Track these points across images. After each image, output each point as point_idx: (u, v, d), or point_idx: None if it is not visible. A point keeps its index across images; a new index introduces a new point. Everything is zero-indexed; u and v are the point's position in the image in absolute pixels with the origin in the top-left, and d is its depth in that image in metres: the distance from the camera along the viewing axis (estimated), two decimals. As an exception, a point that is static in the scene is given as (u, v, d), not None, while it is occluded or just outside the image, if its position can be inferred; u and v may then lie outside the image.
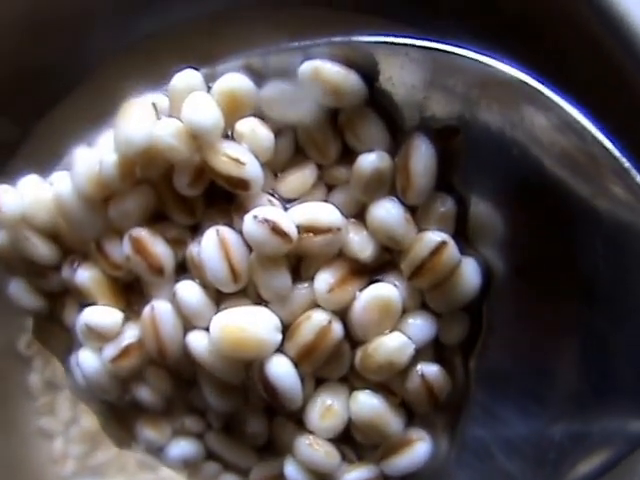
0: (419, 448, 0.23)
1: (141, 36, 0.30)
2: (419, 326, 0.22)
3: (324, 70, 0.22)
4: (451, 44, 0.21)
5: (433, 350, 0.23)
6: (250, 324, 0.22)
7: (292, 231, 0.21)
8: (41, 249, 0.23)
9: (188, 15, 0.30)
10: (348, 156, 0.23)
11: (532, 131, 0.20)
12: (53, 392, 0.35)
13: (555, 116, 0.20)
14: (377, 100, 0.22)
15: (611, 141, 0.20)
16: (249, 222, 0.21)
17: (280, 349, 0.22)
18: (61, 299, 0.24)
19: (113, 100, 0.30)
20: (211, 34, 0.30)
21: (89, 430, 0.35)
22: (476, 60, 0.20)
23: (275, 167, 0.23)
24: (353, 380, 0.23)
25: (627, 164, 0.19)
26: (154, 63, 0.29)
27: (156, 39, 0.30)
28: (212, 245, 0.22)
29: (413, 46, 0.21)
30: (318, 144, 0.23)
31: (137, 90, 0.29)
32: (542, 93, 0.20)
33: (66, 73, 0.30)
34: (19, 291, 0.24)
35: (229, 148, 0.22)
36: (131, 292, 0.24)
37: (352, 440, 0.23)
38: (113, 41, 0.30)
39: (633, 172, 0.19)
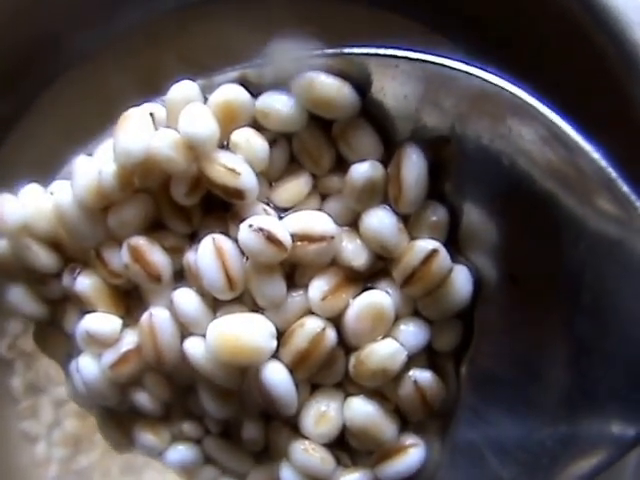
0: (413, 454, 0.23)
1: (125, 27, 0.31)
2: (411, 333, 0.23)
3: (318, 82, 0.22)
4: (442, 56, 0.21)
5: (426, 357, 0.23)
6: (246, 331, 0.22)
7: (286, 240, 0.22)
8: (42, 257, 0.24)
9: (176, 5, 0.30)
10: (342, 166, 0.23)
11: (520, 142, 0.21)
12: (35, 395, 0.35)
13: (542, 127, 0.20)
14: (370, 111, 0.23)
15: (598, 152, 0.20)
16: (244, 231, 0.22)
17: (275, 355, 0.22)
18: (61, 306, 0.25)
19: (97, 92, 0.30)
20: (196, 24, 0.30)
21: (72, 433, 0.35)
22: (465, 72, 0.21)
23: (270, 176, 0.23)
24: (348, 386, 0.23)
25: (613, 174, 0.20)
26: (141, 53, 0.30)
27: (142, 29, 0.30)
28: (208, 253, 0.22)
29: (403, 58, 0.22)
30: (312, 154, 0.23)
31: (121, 82, 0.30)
32: (530, 105, 0.20)
33: (48, 64, 0.30)
34: (20, 298, 0.24)
35: (225, 158, 0.22)
36: (130, 299, 0.24)
37: (347, 445, 0.24)
38: (96, 32, 0.30)
39: (619, 182, 0.19)
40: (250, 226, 0.22)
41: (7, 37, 0.29)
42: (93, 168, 0.23)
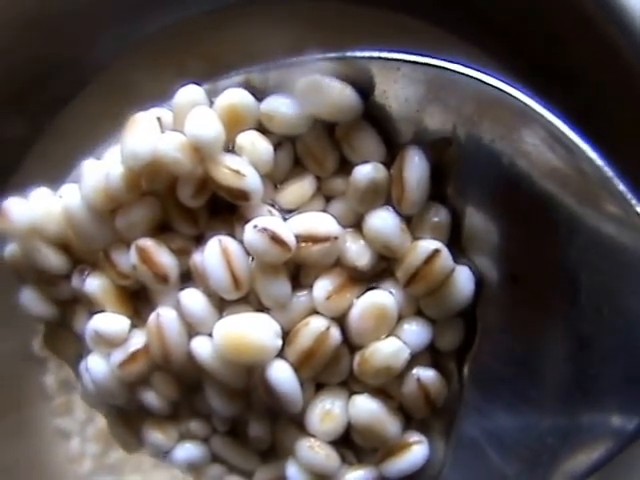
0: (417, 451, 0.24)
1: (151, 33, 0.31)
2: (414, 332, 0.23)
3: (321, 85, 0.22)
4: (443, 59, 0.22)
5: (429, 355, 0.24)
6: (251, 330, 0.22)
7: (291, 240, 0.22)
8: (51, 259, 0.24)
9: (198, 10, 0.31)
10: (345, 168, 0.24)
11: (521, 144, 0.21)
12: (68, 392, 0.35)
13: (542, 129, 0.21)
14: (373, 113, 0.23)
15: (597, 153, 0.20)
16: (249, 232, 0.22)
17: (281, 354, 0.23)
18: (71, 307, 0.25)
19: (124, 97, 0.30)
20: (221, 30, 0.31)
21: (105, 429, 0.33)
22: (466, 75, 0.21)
23: (275, 179, 0.24)
24: (352, 384, 0.24)
25: (611, 174, 0.20)
26: (165, 59, 0.31)
27: (167, 35, 0.31)
28: (215, 254, 0.23)
29: (405, 61, 0.22)
30: (316, 156, 0.24)
31: (148, 87, 0.30)
32: (529, 107, 0.21)
33: (78, 71, 0.31)
34: (31, 299, 0.25)
35: (230, 160, 0.23)
36: (138, 300, 0.25)
37: (352, 443, 0.24)
38: (124, 38, 0.31)
39: (617, 182, 0.20)
40: (255, 227, 0.22)
41: (21, 53, 0.29)
42: (101, 171, 0.23)
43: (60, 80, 0.31)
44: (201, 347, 0.23)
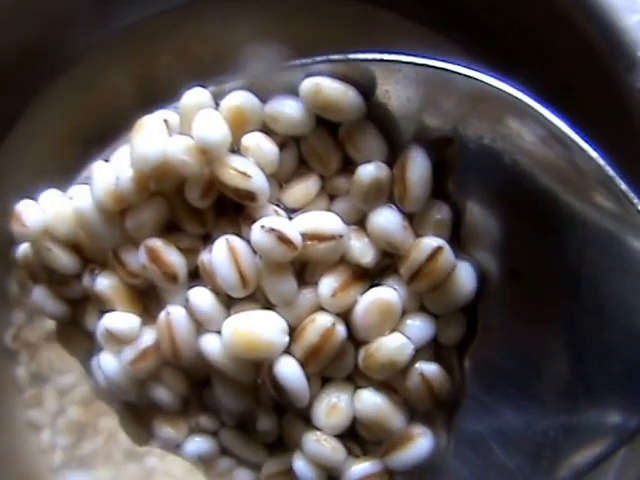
0: (421, 443, 0.24)
1: (122, 27, 0.31)
2: (418, 327, 0.24)
3: (324, 86, 0.23)
4: (442, 60, 0.22)
5: (432, 350, 0.24)
6: (259, 327, 0.23)
7: (297, 239, 0.23)
8: (63, 259, 0.25)
9: (170, 5, 0.31)
10: (349, 167, 0.24)
11: (520, 142, 0.22)
12: (40, 384, 0.35)
13: (541, 127, 0.21)
14: (375, 113, 0.24)
15: (596, 150, 0.21)
16: (256, 231, 0.23)
17: (287, 350, 0.23)
18: (82, 306, 0.26)
19: (96, 90, 0.31)
20: (194, 24, 0.31)
21: (76, 421, 0.36)
22: (465, 75, 0.22)
23: (280, 178, 0.24)
24: (357, 379, 0.24)
25: (611, 172, 0.20)
26: (137, 53, 0.31)
27: (138, 30, 0.31)
28: (222, 253, 0.23)
29: (405, 63, 0.22)
30: (320, 156, 0.24)
31: (119, 82, 0.31)
32: (528, 105, 0.21)
33: (48, 62, 0.30)
34: (43, 298, 0.26)
35: (236, 162, 0.23)
36: (147, 298, 0.25)
37: (357, 436, 0.25)
38: (95, 30, 0.31)
39: (617, 180, 0.20)
40: (262, 227, 0.23)
41: (3, 36, 0.29)
42: (111, 173, 0.24)
43: (26, 74, 0.30)
44: (210, 344, 0.23)
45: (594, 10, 0.25)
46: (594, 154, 0.21)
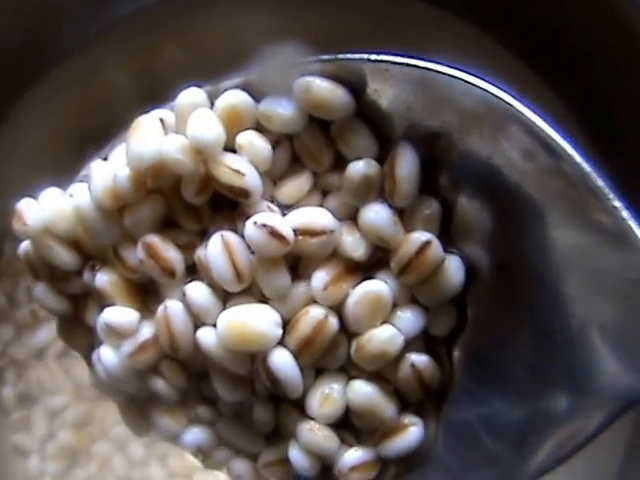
0: (412, 432, 0.25)
1: (123, 16, 0.31)
2: (408, 319, 0.24)
3: (315, 86, 0.24)
4: (428, 60, 0.23)
5: (422, 341, 0.25)
6: (253, 320, 0.24)
7: (289, 234, 0.23)
8: (63, 256, 0.25)
9: None
10: (341, 163, 0.25)
11: (506, 143, 0.22)
12: (28, 406, 0.33)
13: (527, 131, 0.22)
14: (366, 111, 0.24)
15: (586, 160, 0.21)
16: (250, 227, 0.23)
17: (281, 342, 0.24)
18: (83, 301, 0.26)
19: (93, 84, 0.30)
20: (190, 15, 0.30)
21: (67, 446, 0.33)
22: (451, 75, 0.22)
23: (274, 175, 0.25)
24: (350, 369, 0.25)
25: (598, 180, 0.21)
26: (138, 44, 0.31)
27: (140, 20, 0.31)
28: (217, 249, 0.24)
29: (392, 63, 0.23)
30: (313, 153, 0.25)
31: (118, 75, 0.30)
32: (515, 108, 0.22)
33: (41, 55, 0.30)
34: (44, 295, 0.26)
35: (230, 160, 0.24)
36: (146, 293, 0.26)
37: (351, 425, 0.25)
38: (88, 23, 0.30)
39: (607, 192, 0.21)
40: (255, 223, 0.23)
41: None
42: (108, 172, 0.24)
43: (23, 66, 0.30)
44: (206, 337, 0.24)
45: None
46: (581, 161, 0.21)
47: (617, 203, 0.21)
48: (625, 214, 0.21)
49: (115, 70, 0.31)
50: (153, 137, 0.24)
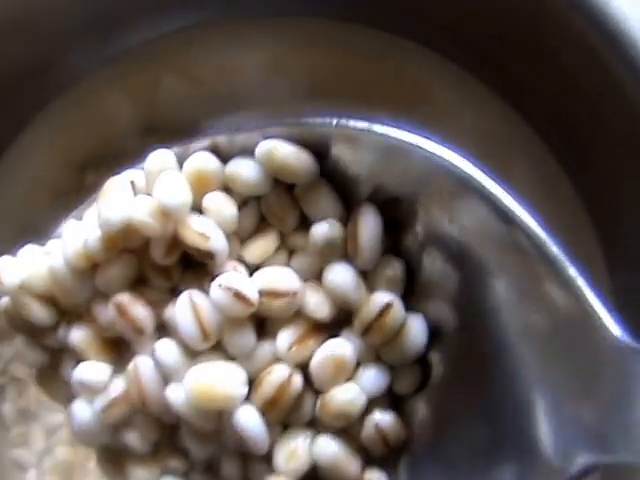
0: (377, 487, 0.25)
1: (125, 49, 0.31)
2: (372, 378, 0.25)
3: (278, 150, 0.24)
4: (391, 126, 0.23)
5: (387, 399, 0.25)
6: (219, 379, 0.24)
7: (253, 296, 0.24)
8: (39, 313, 0.26)
9: (173, 26, 0.31)
10: (307, 223, 0.25)
11: (465, 211, 0.23)
12: (27, 422, 0.33)
13: (484, 199, 0.22)
14: (330, 173, 0.25)
15: (543, 230, 0.21)
16: (215, 289, 0.24)
17: (248, 399, 0.25)
18: (60, 355, 0.27)
19: (93, 113, 0.30)
20: (198, 46, 0.31)
21: (63, 461, 0.33)
22: (414, 145, 0.23)
23: (242, 235, 0.26)
24: (318, 425, 0.25)
25: (556, 251, 0.21)
26: (139, 76, 0.31)
27: (141, 52, 0.31)
28: (184, 308, 0.24)
29: (358, 129, 0.23)
30: (278, 214, 0.25)
31: (119, 105, 0.31)
32: (473, 178, 0.22)
33: (48, 82, 0.31)
34: (23, 348, 0.27)
35: (196, 223, 0.24)
36: (120, 347, 0.26)
37: (319, 479, 0.26)
38: (97, 52, 0.31)
39: (562, 263, 0.21)
40: (220, 285, 0.24)
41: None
42: (80, 233, 0.25)
43: (26, 94, 0.30)
44: (175, 394, 0.25)
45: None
46: (537, 230, 0.21)
47: (573, 272, 0.21)
48: (580, 282, 0.21)
49: (116, 100, 0.32)
50: (122, 201, 0.24)
